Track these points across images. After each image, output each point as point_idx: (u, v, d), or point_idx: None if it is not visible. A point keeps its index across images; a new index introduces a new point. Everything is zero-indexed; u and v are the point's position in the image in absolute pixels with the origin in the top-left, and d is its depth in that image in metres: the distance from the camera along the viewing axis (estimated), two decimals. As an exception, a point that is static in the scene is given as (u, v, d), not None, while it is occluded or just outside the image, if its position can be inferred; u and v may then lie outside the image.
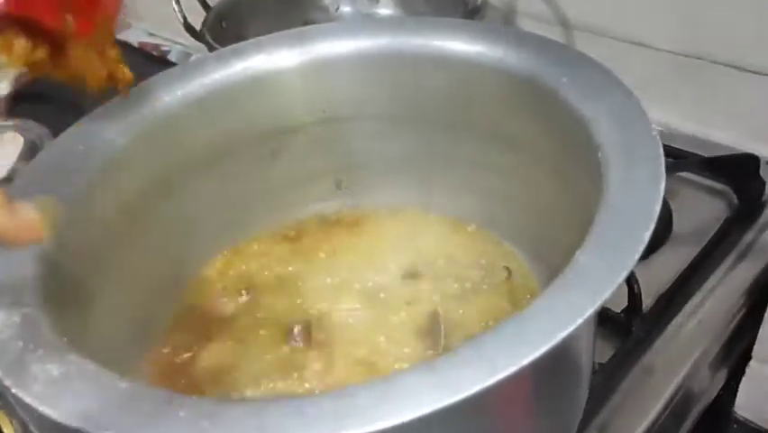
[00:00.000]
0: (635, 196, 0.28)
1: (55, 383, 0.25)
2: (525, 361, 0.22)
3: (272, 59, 0.42)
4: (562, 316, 0.24)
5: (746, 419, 0.53)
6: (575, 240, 0.27)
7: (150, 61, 0.87)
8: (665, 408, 0.43)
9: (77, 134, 0.38)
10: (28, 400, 0.24)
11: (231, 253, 0.45)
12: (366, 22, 0.42)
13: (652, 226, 0.26)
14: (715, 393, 0.52)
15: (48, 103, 0.62)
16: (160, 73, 0.41)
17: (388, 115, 0.44)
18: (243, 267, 0.44)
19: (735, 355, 0.52)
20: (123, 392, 0.24)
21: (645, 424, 0.42)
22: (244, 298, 0.43)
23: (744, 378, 0.52)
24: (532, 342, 0.23)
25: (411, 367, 0.23)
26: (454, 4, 0.64)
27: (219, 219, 0.44)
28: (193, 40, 0.66)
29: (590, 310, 0.24)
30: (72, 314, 0.31)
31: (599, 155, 0.31)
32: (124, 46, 0.84)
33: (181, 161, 0.41)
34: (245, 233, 0.45)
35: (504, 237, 0.44)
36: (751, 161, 0.55)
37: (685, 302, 0.47)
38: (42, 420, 0.24)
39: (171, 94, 0.40)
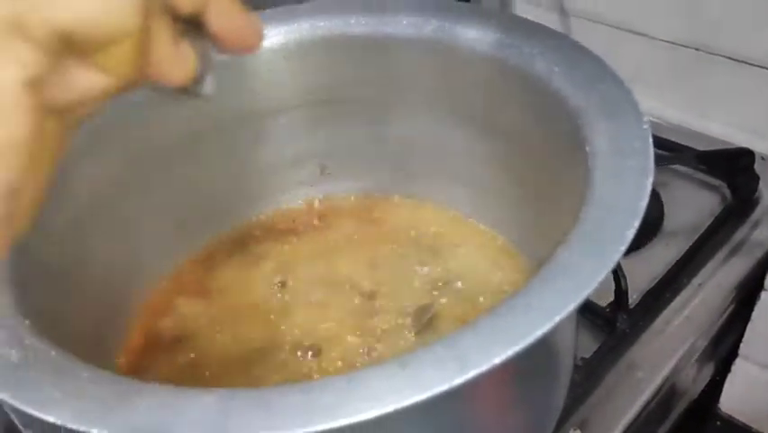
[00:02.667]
0: (621, 191, 0.27)
1: (13, 369, 0.24)
2: (498, 359, 0.21)
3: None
4: (540, 313, 0.23)
5: (731, 416, 0.53)
6: (562, 235, 0.26)
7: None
8: (647, 404, 0.43)
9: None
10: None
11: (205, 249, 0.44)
12: (354, 3, 0.41)
13: (637, 224, 0.25)
14: (700, 390, 0.52)
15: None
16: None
17: (374, 100, 0.42)
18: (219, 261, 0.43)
19: (721, 352, 0.52)
20: (84, 380, 0.23)
21: (626, 421, 0.42)
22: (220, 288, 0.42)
23: (729, 375, 0.52)
24: (506, 339, 0.22)
25: (381, 364, 0.22)
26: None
27: (200, 207, 0.42)
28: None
29: (569, 308, 0.23)
30: (39, 297, 0.30)
31: (587, 148, 0.30)
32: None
33: (157, 145, 0.39)
34: (223, 224, 0.44)
35: (493, 228, 0.43)
36: (745, 155, 0.55)
37: (672, 298, 0.47)
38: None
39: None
